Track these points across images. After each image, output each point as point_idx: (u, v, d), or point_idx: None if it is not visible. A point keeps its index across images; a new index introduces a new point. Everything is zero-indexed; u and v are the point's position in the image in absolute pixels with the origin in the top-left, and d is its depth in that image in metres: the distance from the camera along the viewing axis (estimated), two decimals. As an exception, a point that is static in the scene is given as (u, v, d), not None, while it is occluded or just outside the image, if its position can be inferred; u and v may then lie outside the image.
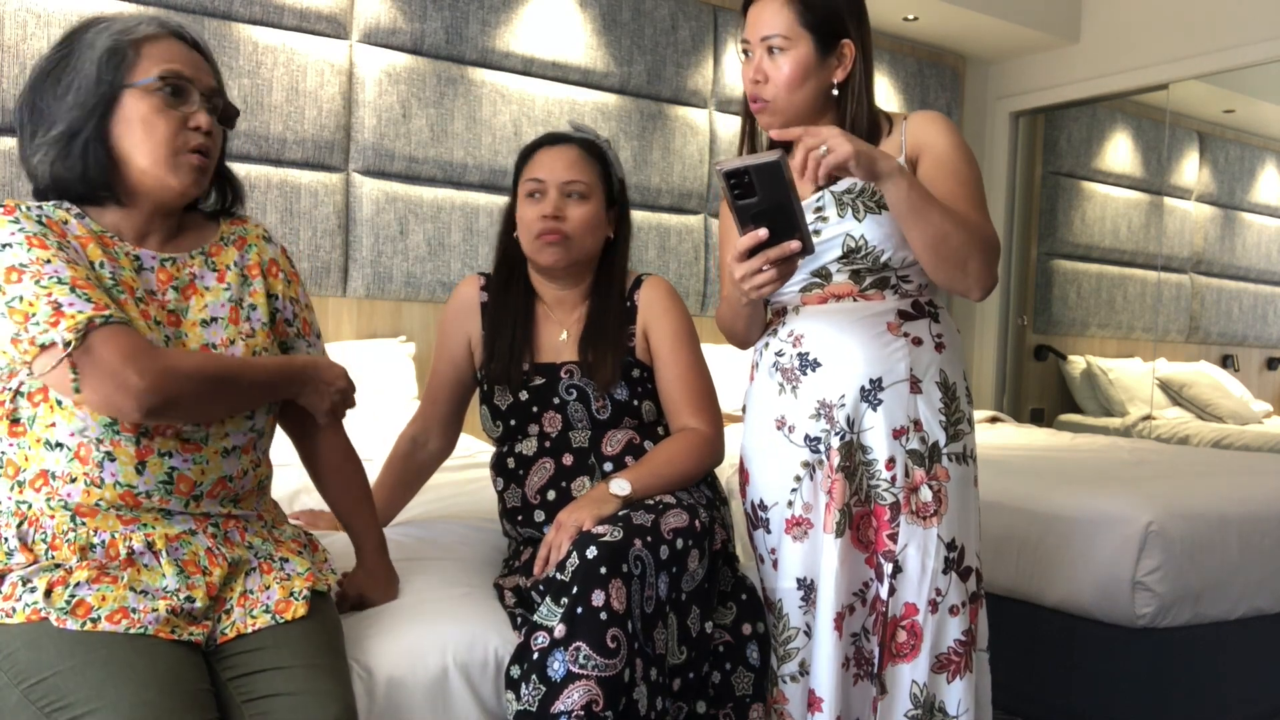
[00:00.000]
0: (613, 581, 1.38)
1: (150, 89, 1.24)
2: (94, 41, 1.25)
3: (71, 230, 1.25)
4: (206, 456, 1.29)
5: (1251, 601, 2.50)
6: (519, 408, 1.72)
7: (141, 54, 1.24)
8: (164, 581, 1.24)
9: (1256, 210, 4.91)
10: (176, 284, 1.31)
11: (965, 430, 1.62)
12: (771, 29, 1.57)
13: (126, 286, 1.26)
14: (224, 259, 1.36)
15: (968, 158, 1.60)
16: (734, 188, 1.36)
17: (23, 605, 1.17)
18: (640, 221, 3.81)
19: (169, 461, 1.26)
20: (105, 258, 1.25)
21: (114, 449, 1.23)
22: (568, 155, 1.74)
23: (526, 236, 1.72)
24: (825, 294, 1.62)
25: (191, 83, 1.28)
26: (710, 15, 3.99)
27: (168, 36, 1.28)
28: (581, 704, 1.32)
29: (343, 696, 1.24)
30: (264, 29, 3.04)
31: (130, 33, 1.25)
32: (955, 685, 1.56)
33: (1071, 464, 3.15)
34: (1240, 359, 4.90)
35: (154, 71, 1.24)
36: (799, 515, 1.61)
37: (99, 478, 1.23)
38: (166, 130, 1.25)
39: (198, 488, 1.29)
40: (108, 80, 1.23)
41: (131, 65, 1.24)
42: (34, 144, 1.26)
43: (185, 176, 1.28)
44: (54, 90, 1.24)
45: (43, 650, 1.14)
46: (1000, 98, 5.01)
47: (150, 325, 1.26)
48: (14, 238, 1.18)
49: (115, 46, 1.24)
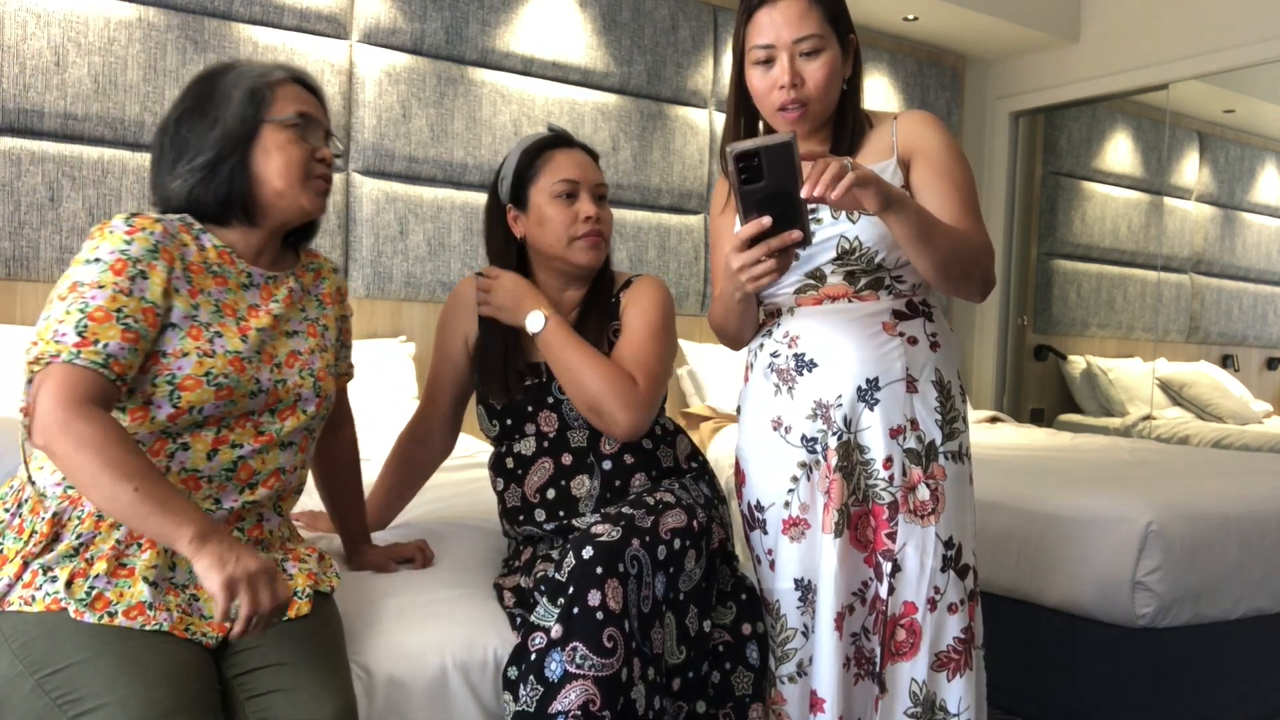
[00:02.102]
0: (609, 581, 1.38)
1: (287, 124, 1.43)
2: (236, 83, 1.43)
3: (189, 255, 1.38)
4: (269, 448, 1.41)
5: (1251, 601, 2.50)
6: (514, 407, 1.72)
7: (277, 95, 1.44)
8: (186, 577, 1.30)
9: (1256, 210, 4.91)
10: (276, 298, 1.48)
11: (961, 429, 1.62)
12: (805, 30, 1.53)
13: (228, 308, 1.40)
14: (306, 283, 1.55)
15: (960, 158, 1.60)
16: (742, 171, 1.33)
17: (43, 594, 1.21)
18: (640, 221, 3.81)
19: (238, 451, 1.37)
20: (214, 282, 1.40)
21: (192, 440, 1.34)
22: (587, 159, 1.77)
23: (560, 238, 1.71)
24: (820, 295, 1.62)
25: (317, 122, 1.48)
26: (710, 15, 3.99)
27: (295, 83, 1.48)
28: (579, 704, 1.32)
29: (343, 693, 1.26)
30: (264, 29, 3.05)
31: (267, 77, 1.45)
32: (956, 683, 1.56)
33: (1071, 464, 3.15)
34: (1240, 359, 4.90)
35: (290, 110, 1.44)
36: (796, 516, 1.60)
37: (165, 466, 1.32)
38: (300, 157, 1.43)
39: (255, 476, 1.40)
40: (250, 116, 1.41)
41: (270, 104, 1.43)
42: (175, 170, 1.42)
43: (314, 198, 1.47)
44: (200, 124, 1.41)
45: (60, 641, 1.17)
46: (1000, 98, 5.01)
47: (246, 336, 1.39)
48: (108, 257, 1.30)
49: (256, 88, 1.42)
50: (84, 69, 2.77)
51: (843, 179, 1.32)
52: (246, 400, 1.37)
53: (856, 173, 1.33)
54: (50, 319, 1.27)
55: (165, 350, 1.32)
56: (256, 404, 1.39)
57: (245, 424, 1.38)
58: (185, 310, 1.34)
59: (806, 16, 1.53)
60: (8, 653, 1.19)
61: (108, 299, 1.27)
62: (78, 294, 1.27)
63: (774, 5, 1.54)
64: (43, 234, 2.73)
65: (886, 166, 1.59)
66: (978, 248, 1.52)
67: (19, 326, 2.66)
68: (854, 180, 1.33)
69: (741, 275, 1.41)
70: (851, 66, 1.61)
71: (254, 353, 1.39)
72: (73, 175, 2.76)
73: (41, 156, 2.72)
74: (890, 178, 1.57)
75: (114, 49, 2.81)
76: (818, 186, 1.32)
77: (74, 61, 2.75)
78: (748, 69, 1.60)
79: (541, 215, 1.72)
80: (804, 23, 1.53)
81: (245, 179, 1.41)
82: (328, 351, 1.53)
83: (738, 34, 1.61)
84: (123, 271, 1.30)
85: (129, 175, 2.84)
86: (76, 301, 1.27)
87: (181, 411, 1.31)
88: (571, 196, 1.71)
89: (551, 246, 1.72)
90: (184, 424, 1.33)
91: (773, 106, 1.58)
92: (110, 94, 2.81)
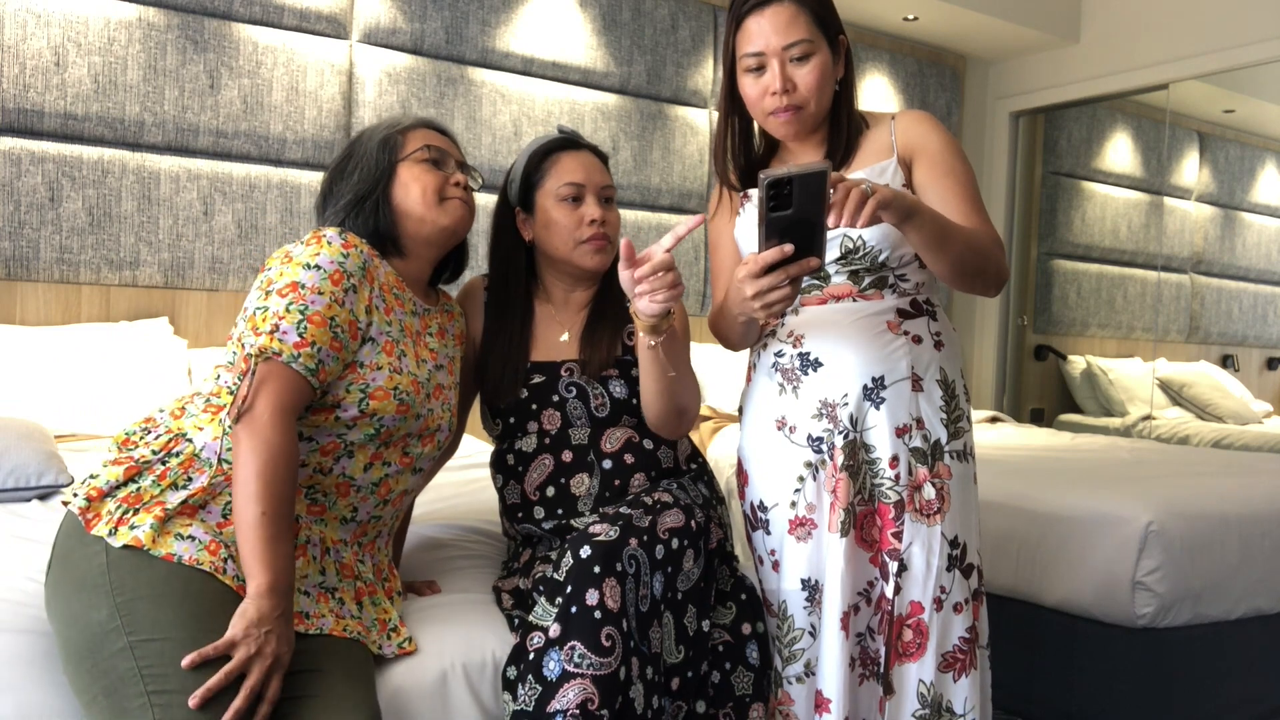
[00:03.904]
0: (606, 580, 1.38)
1: (418, 158, 1.56)
2: (372, 136, 1.58)
3: (380, 276, 1.50)
4: (406, 471, 1.51)
5: (1251, 601, 2.50)
6: (518, 405, 1.72)
7: (408, 138, 1.58)
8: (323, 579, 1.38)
9: (1256, 210, 4.91)
10: (431, 331, 1.61)
11: (965, 428, 1.62)
12: (795, 35, 1.53)
13: (409, 329, 1.53)
14: (443, 322, 1.66)
15: (961, 156, 1.60)
16: (771, 198, 1.32)
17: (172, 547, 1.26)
18: (640, 221, 3.82)
19: (387, 469, 1.48)
20: (397, 304, 1.52)
21: (356, 450, 1.43)
22: (593, 160, 1.76)
23: (566, 242, 1.71)
24: (824, 295, 1.62)
25: (447, 154, 1.61)
26: (710, 15, 3.99)
27: (424, 127, 1.62)
28: (577, 703, 1.32)
29: (370, 707, 1.26)
30: (264, 29, 3.05)
31: (397, 125, 1.60)
32: (961, 683, 1.56)
33: (1071, 464, 3.15)
34: (1240, 359, 4.90)
35: (418, 145, 1.58)
36: (802, 515, 1.60)
37: (329, 466, 1.42)
38: (433, 182, 1.56)
39: (390, 494, 1.50)
40: (385, 160, 1.56)
41: (401, 146, 1.57)
42: (324, 217, 1.58)
43: (454, 213, 1.57)
44: (341, 177, 1.57)
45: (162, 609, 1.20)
46: (1000, 98, 5.01)
47: (420, 362, 1.52)
48: (328, 266, 1.41)
49: (388, 137, 1.57)
50: (84, 69, 2.77)
51: (866, 204, 1.32)
52: (413, 421, 1.48)
53: (878, 196, 1.33)
54: (269, 311, 1.35)
55: (363, 361, 1.42)
56: (416, 427, 1.49)
57: (398, 445, 1.49)
58: (382, 327, 1.46)
59: (795, 22, 1.53)
60: (109, 602, 1.20)
61: (325, 306, 1.37)
62: (299, 295, 1.36)
63: (762, 13, 1.55)
64: (43, 234, 2.73)
65: (886, 166, 1.59)
66: (990, 243, 1.53)
67: (19, 326, 2.66)
68: (877, 204, 1.33)
69: (756, 302, 1.39)
70: (843, 67, 1.61)
71: (426, 379, 1.51)
72: (73, 175, 2.76)
73: (41, 156, 2.72)
74: (891, 177, 1.58)
75: (114, 49, 2.81)
76: (845, 217, 1.32)
77: (74, 61, 2.75)
78: (739, 76, 1.60)
79: (548, 219, 1.72)
80: (793, 29, 1.53)
81: (390, 213, 1.54)
82: (458, 388, 1.66)
83: (727, 42, 1.61)
84: (340, 283, 1.40)
85: (129, 175, 2.84)
86: (298, 302, 1.36)
87: (365, 416, 1.41)
88: (577, 200, 1.71)
89: (558, 250, 1.73)
90: (361, 431, 1.42)
91: (765, 112, 1.59)
92: (110, 94, 2.81)
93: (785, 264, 1.35)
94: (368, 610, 1.42)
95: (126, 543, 1.25)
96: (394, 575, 1.55)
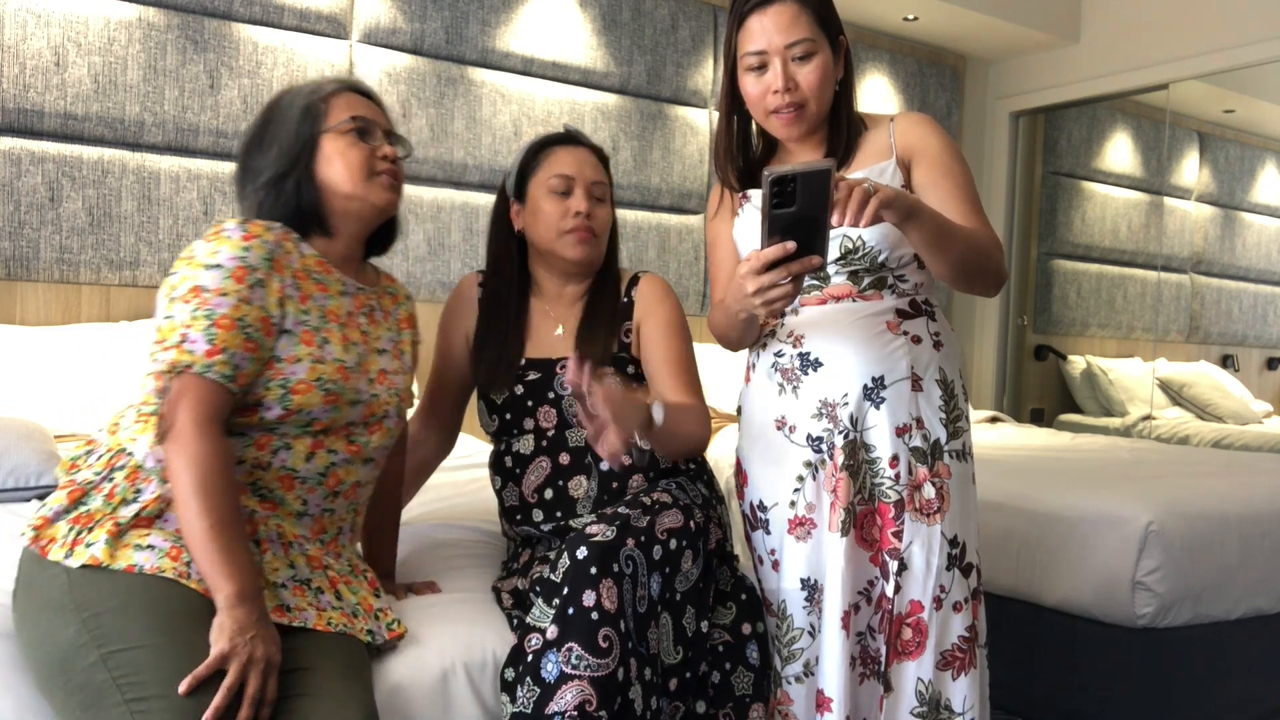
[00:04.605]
0: (603, 581, 1.38)
1: (342, 130, 1.47)
2: (291, 103, 1.49)
3: (294, 262, 1.43)
4: (357, 460, 1.46)
5: (1251, 601, 2.49)
6: (514, 402, 1.73)
7: (331, 105, 1.48)
8: (293, 571, 1.35)
9: (1256, 210, 4.91)
10: (365, 311, 1.52)
11: (964, 427, 1.62)
12: (798, 34, 1.54)
13: (332, 314, 1.45)
14: (385, 305, 1.59)
15: (959, 158, 1.61)
16: (775, 195, 1.32)
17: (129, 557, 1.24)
18: (640, 221, 3.82)
19: (332, 458, 1.43)
20: (317, 288, 1.45)
21: (292, 441, 1.39)
22: (588, 157, 1.77)
23: (551, 231, 1.72)
24: (824, 295, 1.62)
25: (374, 124, 1.51)
26: (710, 15, 3.99)
27: (348, 91, 1.52)
28: (575, 704, 1.32)
29: (366, 704, 1.26)
30: (264, 29, 3.05)
31: (319, 92, 1.50)
32: (960, 682, 1.56)
33: (1071, 464, 3.15)
34: (1240, 359, 4.90)
35: (344, 116, 1.48)
36: (802, 515, 1.60)
37: (267, 461, 1.38)
38: (359, 158, 1.47)
39: (340, 485, 1.45)
40: (307, 132, 1.46)
41: (324, 115, 1.48)
42: (244, 192, 1.50)
43: (382, 192, 1.49)
44: (259, 150, 1.48)
45: (131, 619, 1.18)
46: (1000, 98, 5.01)
47: (349, 346, 1.45)
48: (229, 263, 1.34)
49: (309, 105, 1.48)
50: (84, 69, 2.77)
51: (869, 203, 1.32)
52: (348, 409, 1.43)
53: (880, 195, 1.33)
54: (175, 321, 1.31)
55: (280, 355, 1.37)
56: (356, 414, 1.44)
57: (341, 433, 1.44)
58: (297, 316, 1.40)
59: (797, 21, 1.54)
60: (76, 620, 1.18)
61: (231, 307, 1.32)
62: (202, 299, 1.31)
63: (764, 12, 1.55)
64: (43, 234, 2.73)
65: (885, 168, 1.59)
66: (989, 244, 1.53)
67: (19, 326, 2.66)
68: (880, 204, 1.33)
69: (756, 299, 1.39)
70: (843, 68, 1.61)
71: (355, 364, 1.45)
72: (72, 175, 2.76)
73: (41, 156, 2.72)
74: (890, 179, 1.58)
75: (114, 49, 2.81)
76: (847, 216, 1.32)
77: (74, 61, 2.75)
78: (740, 75, 1.60)
79: (536, 208, 1.74)
80: (795, 28, 1.53)
81: (313, 190, 1.46)
82: (407, 375, 1.59)
83: (729, 41, 1.61)
84: (244, 279, 1.34)
85: (129, 175, 2.84)
86: (203, 308, 1.31)
87: (291, 413, 1.36)
88: (566, 193, 1.73)
89: (542, 239, 1.74)
90: (292, 424, 1.38)
91: (766, 111, 1.59)
92: (110, 94, 2.81)
93: (787, 261, 1.35)
94: (347, 597, 1.39)
95: (84, 562, 1.23)
96: (370, 571, 1.51)
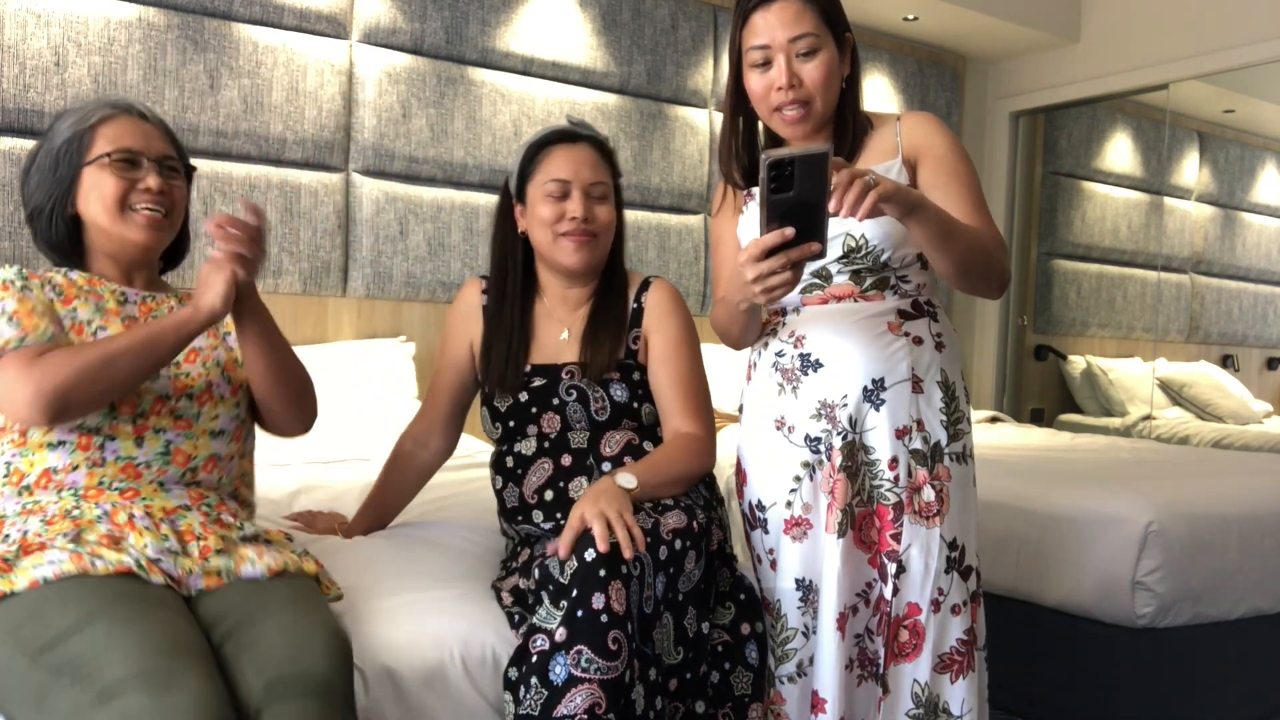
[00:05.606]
0: (612, 584, 1.37)
1: (102, 164, 1.44)
2: (58, 131, 1.47)
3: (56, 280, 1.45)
4: (196, 434, 1.46)
5: (1251, 601, 2.50)
6: (519, 409, 1.72)
7: (97, 135, 1.45)
8: (167, 543, 1.33)
9: (1256, 210, 4.91)
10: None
11: (965, 430, 1.62)
12: (802, 29, 1.53)
13: (109, 311, 1.46)
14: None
15: (965, 158, 1.60)
16: (773, 179, 1.31)
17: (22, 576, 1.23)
18: (640, 221, 3.81)
19: (164, 435, 1.43)
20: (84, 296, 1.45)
21: (114, 431, 1.39)
22: (587, 155, 1.74)
23: (548, 235, 1.71)
24: (826, 295, 1.62)
25: (141, 153, 1.47)
26: (710, 15, 3.99)
27: (120, 115, 1.48)
28: (584, 707, 1.32)
29: (329, 624, 1.27)
30: (264, 29, 3.04)
31: (87, 119, 1.46)
32: (959, 685, 1.56)
33: (1071, 464, 3.15)
34: (1240, 359, 4.90)
35: (105, 149, 1.45)
36: (798, 515, 1.60)
37: (100, 458, 1.38)
38: (115, 193, 1.44)
39: (192, 460, 1.45)
40: (67, 163, 1.45)
41: (88, 147, 1.45)
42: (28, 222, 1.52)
43: (139, 230, 1.47)
44: (27, 177, 1.49)
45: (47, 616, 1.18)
46: (1000, 98, 5.01)
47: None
48: None
49: (74, 135, 1.45)
50: (84, 69, 2.76)
51: (868, 194, 1.31)
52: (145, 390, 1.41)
53: (880, 189, 1.32)
54: None
55: None
56: (162, 389, 1.43)
57: (161, 409, 1.43)
58: (64, 312, 1.42)
59: (801, 17, 1.53)
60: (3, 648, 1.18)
61: (17, 300, 1.37)
62: None
63: (768, 7, 1.54)
64: (43, 234, 2.73)
65: (891, 166, 1.59)
66: (994, 244, 1.53)
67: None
68: (879, 196, 1.32)
69: (756, 286, 1.39)
70: (849, 65, 1.61)
71: None
72: (73, 175, 2.76)
73: (41, 156, 2.72)
74: (896, 177, 1.58)
75: (114, 49, 2.81)
76: (845, 206, 1.31)
77: (74, 61, 2.75)
78: (745, 71, 1.60)
79: (534, 212, 1.73)
80: (799, 23, 1.53)
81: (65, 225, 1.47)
82: (232, 350, 1.57)
83: (734, 37, 1.61)
84: (9, 288, 1.39)
85: (129, 175, 2.84)
86: None
87: None
88: (563, 196, 1.71)
89: (540, 243, 1.74)
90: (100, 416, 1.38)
91: (771, 108, 1.58)
92: (110, 94, 2.80)
93: (786, 248, 1.34)
94: (233, 529, 1.41)
95: None
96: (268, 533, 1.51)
